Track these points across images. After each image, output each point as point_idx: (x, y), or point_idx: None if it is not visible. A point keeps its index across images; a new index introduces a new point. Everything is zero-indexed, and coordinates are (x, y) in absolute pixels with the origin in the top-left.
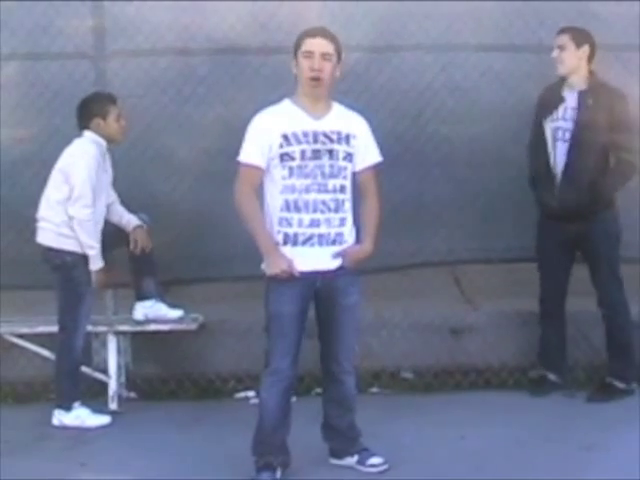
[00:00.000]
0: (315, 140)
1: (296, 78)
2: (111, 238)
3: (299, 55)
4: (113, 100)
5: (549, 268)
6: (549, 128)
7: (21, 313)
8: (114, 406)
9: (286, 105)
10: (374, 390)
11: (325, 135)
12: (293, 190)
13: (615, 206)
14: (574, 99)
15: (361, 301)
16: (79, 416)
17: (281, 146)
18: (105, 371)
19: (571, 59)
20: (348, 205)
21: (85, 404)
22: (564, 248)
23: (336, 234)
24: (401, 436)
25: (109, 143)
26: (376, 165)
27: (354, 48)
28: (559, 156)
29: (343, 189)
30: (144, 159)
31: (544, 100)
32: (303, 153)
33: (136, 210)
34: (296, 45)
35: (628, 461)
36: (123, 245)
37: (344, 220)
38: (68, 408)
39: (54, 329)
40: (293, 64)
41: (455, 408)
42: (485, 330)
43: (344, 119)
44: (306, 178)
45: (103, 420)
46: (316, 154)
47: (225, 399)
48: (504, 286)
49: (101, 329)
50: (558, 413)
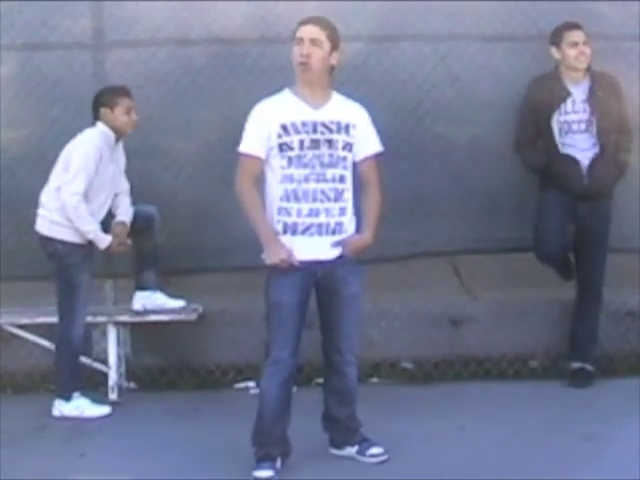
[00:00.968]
0: (314, 130)
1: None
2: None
3: (293, 44)
4: (125, 93)
5: (553, 230)
6: (557, 121)
7: (21, 304)
8: (114, 396)
9: (286, 95)
10: (374, 380)
11: (324, 125)
12: (292, 180)
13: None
14: (582, 92)
15: (363, 291)
16: (79, 406)
17: (279, 136)
18: (105, 362)
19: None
20: (348, 195)
21: (85, 394)
22: (568, 220)
23: (336, 223)
24: (401, 427)
25: (118, 135)
26: (377, 155)
27: (353, 38)
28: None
29: (343, 179)
30: (143, 150)
31: (547, 94)
32: (302, 143)
33: (141, 202)
34: (293, 34)
35: (628, 452)
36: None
37: (344, 210)
38: (68, 398)
39: (54, 320)
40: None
41: (455, 399)
42: (485, 320)
43: (344, 109)
44: (305, 168)
45: (103, 410)
46: (315, 144)
47: (225, 390)
48: (504, 276)
49: (101, 319)
50: (558, 404)
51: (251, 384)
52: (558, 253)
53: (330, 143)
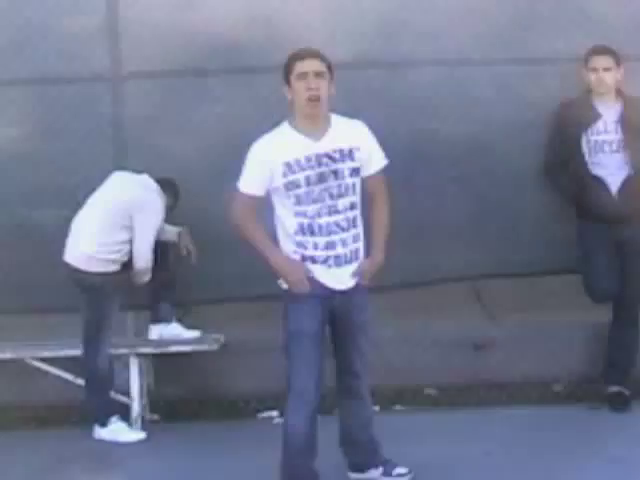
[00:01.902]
0: (319, 164)
1: (291, 103)
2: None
3: (292, 79)
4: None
5: (602, 268)
6: (587, 142)
7: (42, 337)
8: (137, 428)
9: (285, 130)
10: (397, 408)
11: (328, 156)
12: (305, 215)
13: None
14: (613, 113)
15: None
16: (114, 430)
17: (285, 175)
18: (127, 393)
19: (614, 79)
20: (359, 219)
21: (123, 418)
22: (612, 249)
23: (351, 252)
24: (426, 453)
25: None
26: (383, 169)
27: (370, 64)
28: (611, 165)
29: (353, 206)
30: None
31: (577, 115)
32: (308, 179)
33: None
34: (287, 70)
35: None
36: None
37: (357, 236)
38: (103, 424)
39: (76, 353)
40: (285, 90)
41: (479, 424)
42: (507, 344)
43: (344, 132)
44: (315, 203)
45: (138, 436)
46: (321, 177)
47: (248, 419)
48: (525, 300)
49: (123, 351)
50: (583, 426)
51: (274, 413)
52: (613, 291)
53: (336, 174)
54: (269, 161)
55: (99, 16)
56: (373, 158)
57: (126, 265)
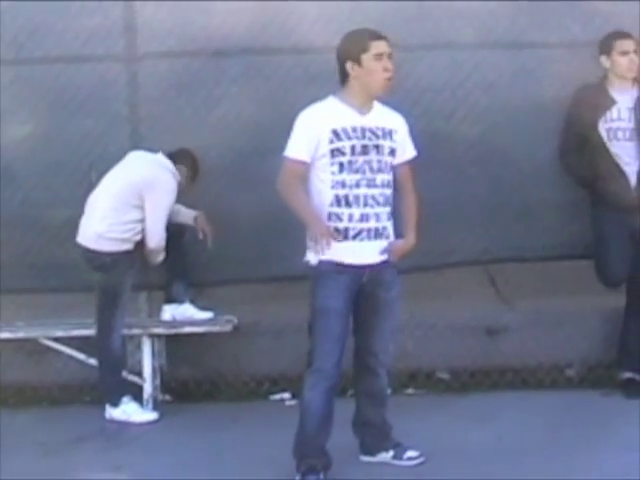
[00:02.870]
0: (363, 136)
1: (348, 79)
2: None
3: (365, 58)
4: (187, 158)
5: (614, 253)
6: (603, 129)
7: (56, 316)
8: (149, 409)
9: (332, 102)
10: (410, 391)
11: (371, 131)
12: (344, 185)
13: None
14: (628, 100)
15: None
16: (126, 411)
17: (331, 141)
18: (140, 374)
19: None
20: (391, 200)
21: (135, 398)
22: (626, 235)
23: (383, 228)
24: (438, 437)
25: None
26: (412, 160)
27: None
28: (625, 153)
29: (389, 184)
30: None
31: (592, 102)
32: (353, 148)
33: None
34: (359, 47)
35: None
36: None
37: (390, 214)
38: (116, 404)
39: (89, 332)
40: (349, 66)
41: (492, 408)
42: (521, 329)
43: (385, 115)
44: (356, 173)
45: (149, 416)
46: (365, 149)
47: (260, 401)
48: (540, 285)
49: (135, 331)
50: (596, 412)
51: (286, 395)
52: (624, 276)
53: (378, 149)
54: (317, 128)
55: None
56: (406, 146)
57: (139, 244)
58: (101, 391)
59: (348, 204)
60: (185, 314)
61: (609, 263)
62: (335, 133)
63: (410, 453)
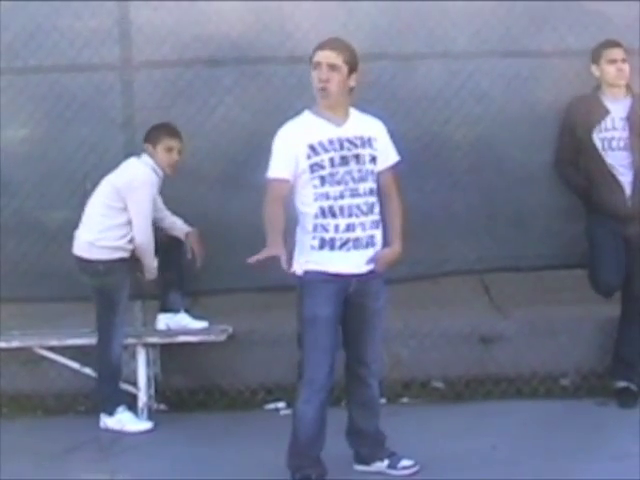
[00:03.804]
0: (341, 147)
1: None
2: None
3: (312, 68)
4: (172, 133)
5: (608, 262)
6: (598, 139)
7: (50, 325)
8: (144, 418)
9: (307, 116)
10: (404, 400)
11: (349, 141)
12: (327, 197)
13: None
14: (622, 109)
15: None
16: (120, 420)
17: (309, 157)
18: (134, 383)
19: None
20: (377, 207)
21: (130, 408)
22: (620, 244)
23: (369, 237)
24: (432, 446)
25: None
26: (395, 165)
27: (380, 56)
28: (619, 163)
29: (372, 192)
30: None
31: (585, 112)
32: (332, 161)
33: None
34: (310, 57)
35: None
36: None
37: (376, 222)
38: (111, 413)
39: (83, 342)
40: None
41: (486, 418)
42: (515, 338)
43: (363, 123)
44: (339, 185)
45: (144, 426)
46: (344, 160)
47: (255, 410)
48: (534, 294)
49: (130, 341)
50: (590, 421)
51: (281, 405)
52: (618, 285)
53: (357, 158)
54: (293, 144)
55: (110, 5)
56: (388, 152)
57: (133, 252)
58: (97, 399)
59: (333, 215)
60: (180, 323)
61: (603, 272)
62: (312, 148)
63: (405, 462)
